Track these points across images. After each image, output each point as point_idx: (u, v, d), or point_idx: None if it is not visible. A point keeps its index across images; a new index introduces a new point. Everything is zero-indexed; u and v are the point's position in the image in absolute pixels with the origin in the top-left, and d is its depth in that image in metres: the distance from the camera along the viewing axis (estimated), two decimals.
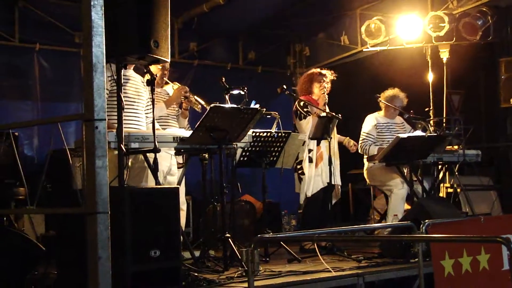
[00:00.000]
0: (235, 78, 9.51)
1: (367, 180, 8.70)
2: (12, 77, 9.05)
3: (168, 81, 7.38)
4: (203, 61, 10.82)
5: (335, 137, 7.94)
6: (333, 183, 7.50)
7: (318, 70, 8.14)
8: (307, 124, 7.76)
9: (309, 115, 7.78)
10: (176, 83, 7.42)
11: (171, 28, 9.92)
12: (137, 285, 4.77)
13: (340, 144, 8.11)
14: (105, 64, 4.27)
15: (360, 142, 8.48)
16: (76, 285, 4.59)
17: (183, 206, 7.51)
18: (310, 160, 7.75)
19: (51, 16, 9.13)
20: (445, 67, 10.14)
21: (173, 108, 7.37)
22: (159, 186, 5.69)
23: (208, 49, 10.99)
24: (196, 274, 5.48)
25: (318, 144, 7.75)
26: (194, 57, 10.74)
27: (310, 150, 7.77)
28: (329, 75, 8.04)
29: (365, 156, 8.48)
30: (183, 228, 7.60)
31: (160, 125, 6.77)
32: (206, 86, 8.85)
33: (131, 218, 4.83)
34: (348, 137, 8.12)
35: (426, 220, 4.59)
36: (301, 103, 7.87)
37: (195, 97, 7.23)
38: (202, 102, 7.06)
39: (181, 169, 6.89)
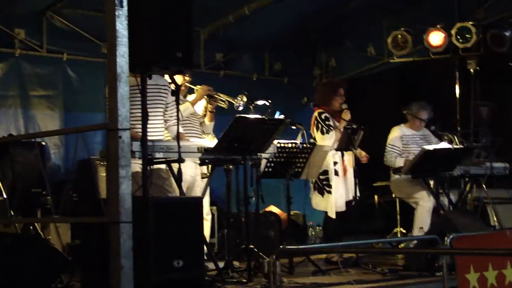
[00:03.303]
0: (261, 89, 9.53)
1: (393, 193, 8.64)
2: (40, 87, 9.14)
3: (190, 85, 7.39)
4: (229, 71, 10.83)
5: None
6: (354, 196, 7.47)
7: (335, 81, 8.08)
8: (330, 140, 7.63)
9: (331, 129, 7.72)
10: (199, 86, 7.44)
11: (197, 39, 10.12)
12: None
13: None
14: (128, 74, 4.29)
15: (385, 154, 8.42)
16: None
17: (207, 216, 7.52)
18: (336, 173, 7.67)
19: (78, 26, 9.21)
20: (472, 78, 10.05)
21: (195, 115, 7.36)
22: (183, 196, 5.69)
23: (234, 60, 11.02)
24: (219, 285, 5.46)
25: (342, 156, 7.70)
26: (220, 67, 10.77)
27: (335, 163, 7.68)
28: (345, 86, 7.97)
29: (391, 168, 8.42)
30: (208, 239, 7.63)
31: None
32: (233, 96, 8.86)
33: (154, 228, 4.83)
34: (359, 148, 7.96)
35: (451, 234, 4.54)
36: (323, 116, 7.74)
37: (220, 94, 7.26)
38: (228, 98, 7.08)
39: (206, 180, 6.89)
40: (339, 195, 7.62)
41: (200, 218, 5.20)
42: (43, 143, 7.98)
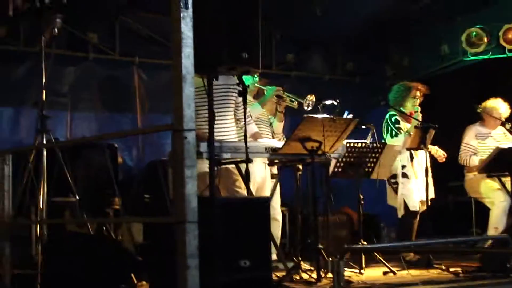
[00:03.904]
0: (332, 89, 9.47)
1: (468, 192, 8.48)
2: (113, 89, 9.30)
3: (260, 86, 7.40)
4: (300, 72, 10.80)
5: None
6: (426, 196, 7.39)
7: (414, 84, 7.95)
8: (399, 143, 7.57)
9: (400, 132, 7.63)
10: (268, 87, 7.45)
11: (269, 39, 10.13)
12: None
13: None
14: (194, 75, 4.31)
15: (460, 153, 8.30)
16: None
17: (278, 216, 7.52)
18: (405, 176, 7.60)
19: (150, 29, 9.32)
20: None
21: (265, 114, 7.38)
22: (250, 197, 5.69)
23: (306, 60, 10.97)
24: (287, 284, 5.43)
25: (411, 159, 7.61)
26: (291, 68, 10.74)
27: (403, 166, 7.60)
28: (424, 90, 7.86)
29: (465, 167, 8.27)
30: (279, 239, 7.62)
31: None
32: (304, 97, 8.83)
33: (221, 228, 4.83)
34: (436, 147, 7.88)
35: None
36: (393, 119, 7.72)
37: (289, 94, 7.26)
38: (297, 98, 7.07)
39: (275, 180, 6.88)
40: (410, 195, 7.54)
41: (267, 218, 5.18)
42: (116, 145, 8.07)
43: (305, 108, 7.15)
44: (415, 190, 7.58)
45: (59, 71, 8.81)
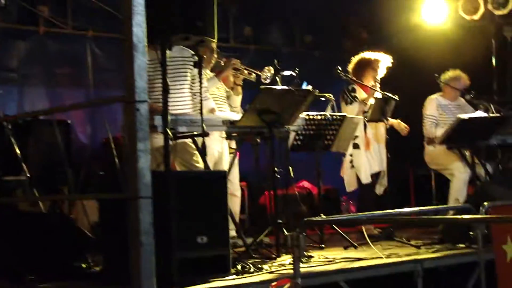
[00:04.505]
0: (291, 62, 9.30)
1: (428, 164, 8.42)
2: (65, 65, 9.04)
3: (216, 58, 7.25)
4: (258, 45, 10.62)
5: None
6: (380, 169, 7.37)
7: (373, 55, 7.83)
8: (352, 111, 7.48)
9: (355, 100, 7.54)
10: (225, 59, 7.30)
11: (226, 13, 9.95)
12: (184, 272, 4.61)
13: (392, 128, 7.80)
14: (146, 44, 4.13)
15: (424, 124, 8.20)
16: (121, 272, 4.44)
17: (237, 192, 7.40)
18: (356, 147, 7.51)
19: (103, 2, 9.04)
20: (508, 46, 9.74)
21: (222, 88, 7.23)
22: (206, 170, 5.54)
23: (264, 33, 10.79)
24: (246, 261, 5.29)
25: (365, 129, 7.52)
26: (249, 41, 10.56)
27: (355, 136, 7.48)
28: (385, 60, 7.75)
29: (425, 139, 8.20)
30: (238, 215, 7.48)
31: None
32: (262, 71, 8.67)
33: (176, 204, 4.67)
34: (398, 120, 7.80)
35: (485, 203, 4.32)
36: (349, 87, 7.63)
37: (246, 67, 7.12)
38: (255, 70, 6.94)
39: (233, 155, 6.74)
40: (361, 168, 7.47)
41: (225, 193, 5.02)
42: (68, 121, 7.84)
43: (263, 80, 7.01)
44: (366, 162, 7.50)
45: (8, 45, 8.54)
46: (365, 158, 7.53)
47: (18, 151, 6.18)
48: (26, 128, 7.17)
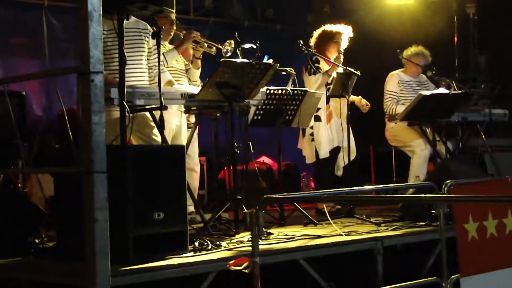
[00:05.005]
0: (252, 36, 9.15)
1: (389, 141, 8.36)
2: (20, 34, 8.76)
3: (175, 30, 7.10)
4: (219, 18, 10.43)
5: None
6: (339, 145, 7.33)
7: (334, 28, 7.72)
8: (316, 82, 7.40)
9: (319, 71, 7.43)
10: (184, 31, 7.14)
11: None
12: (140, 249, 4.49)
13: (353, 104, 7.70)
14: (101, 12, 3.97)
15: (385, 101, 8.14)
16: (75, 249, 4.31)
17: (196, 167, 7.29)
18: (317, 119, 7.40)
19: None
20: (471, 23, 9.70)
21: (181, 61, 7.08)
22: (164, 145, 5.41)
23: (225, 6, 10.62)
24: (204, 238, 5.18)
25: (327, 102, 7.42)
26: (209, 14, 10.36)
27: (318, 109, 7.38)
28: (346, 32, 7.65)
29: (386, 116, 8.14)
30: (197, 191, 7.37)
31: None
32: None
33: (133, 178, 4.54)
34: (360, 96, 7.72)
35: (448, 181, 4.25)
36: (313, 58, 7.49)
37: (206, 40, 6.98)
38: (216, 44, 6.80)
39: (192, 129, 6.60)
40: (321, 142, 7.39)
41: (182, 168, 4.89)
42: (23, 93, 7.62)
43: (224, 54, 6.86)
44: (326, 136, 7.42)
45: None
46: (325, 131, 7.44)
47: None
48: None
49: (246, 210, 5.47)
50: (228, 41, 6.88)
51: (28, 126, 7.87)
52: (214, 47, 7.03)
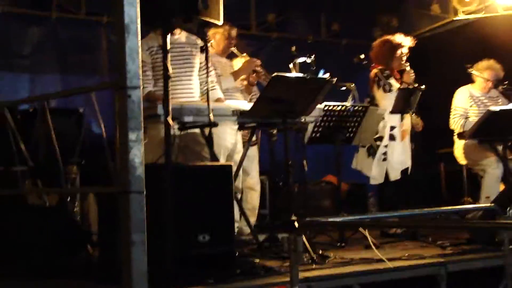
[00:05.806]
0: (317, 51, 8.94)
1: (458, 159, 7.99)
2: (80, 51, 8.71)
3: (236, 52, 6.88)
4: (282, 33, 10.19)
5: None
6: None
7: (395, 38, 7.34)
8: (390, 99, 6.92)
9: (392, 89, 7.00)
10: (246, 55, 6.91)
11: None
12: (182, 272, 4.26)
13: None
14: (139, 25, 3.79)
15: (452, 117, 7.79)
16: (114, 271, 4.13)
17: (256, 186, 7.10)
18: (392, 138, 7.03)
19: None
20: None
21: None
22: (209, 163, 5.18)
23: (288, 21, 10.35)
24: (255, 260, 4.93)
25: (401, 120, 7.06)
26: (272, 29, 10.14)
27: (392, 127, 7.03)
28: (408, 43, 7.28)
29: (455, 133, 7.78)
30: (257, 210, 7.14)
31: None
32: (286, 61, 8.28)
33: (174, 199, 4.32)
34: (415, 115, 7.30)
35: None
36: (384, 73, 7.08)
37: (266, 72, 6.74)
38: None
39: (246, 146, 6.37)
40: (395, 163, 7.01)
41: (230, 187, 4.66)
42: (81, 110, 7.54)
43: None
44: (401, 155, 7.04)
45: (20, 31, 8.26)
46: (399, 152, 7.08)
47: (19, 140, 5.90)
48: (35, 117, 6.88)
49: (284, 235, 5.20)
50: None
51: (87, 144, 7.78)
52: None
